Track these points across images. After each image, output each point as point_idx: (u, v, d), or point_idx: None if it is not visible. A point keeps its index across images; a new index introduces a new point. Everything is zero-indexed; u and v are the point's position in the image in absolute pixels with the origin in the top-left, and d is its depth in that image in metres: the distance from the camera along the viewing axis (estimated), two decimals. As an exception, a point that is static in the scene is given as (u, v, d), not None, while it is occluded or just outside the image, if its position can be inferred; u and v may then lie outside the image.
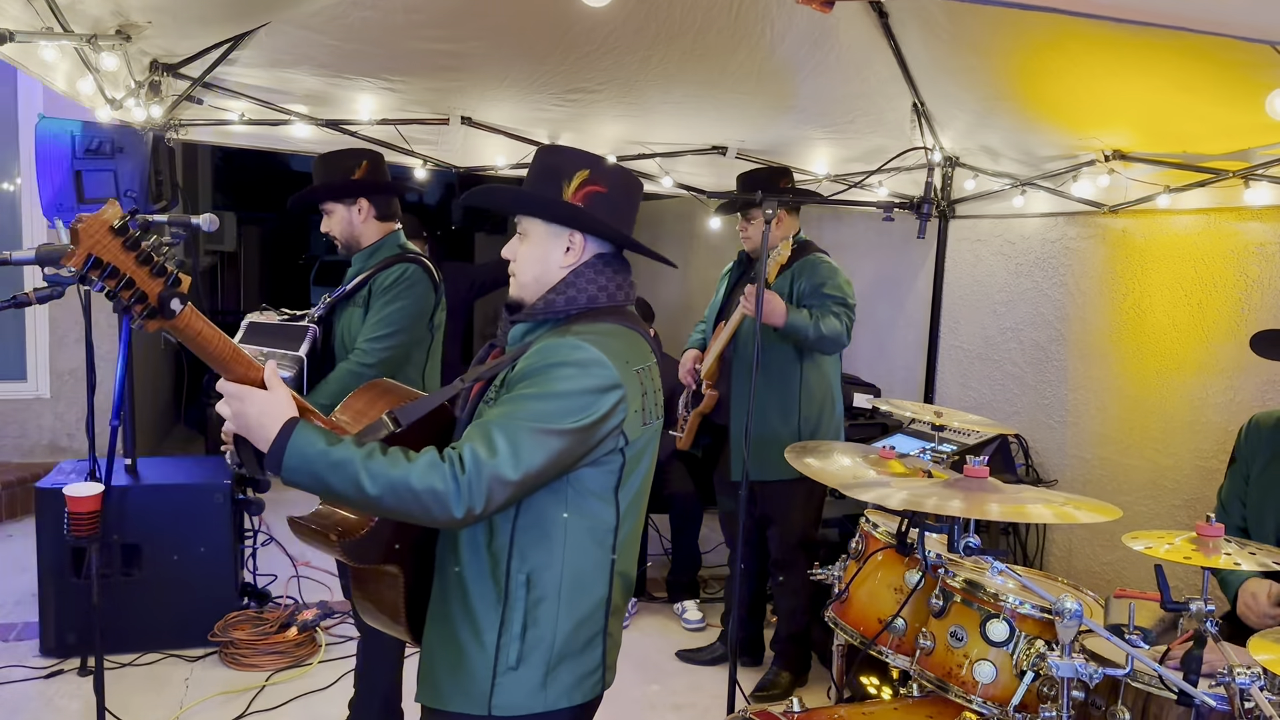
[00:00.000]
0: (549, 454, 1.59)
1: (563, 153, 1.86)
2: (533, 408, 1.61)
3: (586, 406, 1.63)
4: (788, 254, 3.46)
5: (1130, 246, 3.93)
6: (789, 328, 3.47)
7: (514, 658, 1.69)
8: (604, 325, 1.76)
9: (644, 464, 1.81)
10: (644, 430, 1.78)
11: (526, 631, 1.69)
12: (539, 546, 1.69)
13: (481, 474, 1.54)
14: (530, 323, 1.81)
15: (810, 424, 3.65)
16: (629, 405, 1.70)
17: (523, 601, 1.69)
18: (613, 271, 1.85)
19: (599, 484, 1.72)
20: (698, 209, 6.03)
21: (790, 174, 3.76)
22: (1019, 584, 2.17)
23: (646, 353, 1.85)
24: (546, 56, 3.57)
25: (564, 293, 1.79)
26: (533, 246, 1.82)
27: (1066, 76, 3.24)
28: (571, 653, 1.73)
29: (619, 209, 1.86)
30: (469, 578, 1.71)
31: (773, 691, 3.75)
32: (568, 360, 1.64)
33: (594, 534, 1.73)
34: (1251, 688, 1.76)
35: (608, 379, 1.66)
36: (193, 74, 3.66)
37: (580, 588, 1.72)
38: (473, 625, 1.70)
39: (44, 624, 3.83)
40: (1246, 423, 2.73)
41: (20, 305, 2.19)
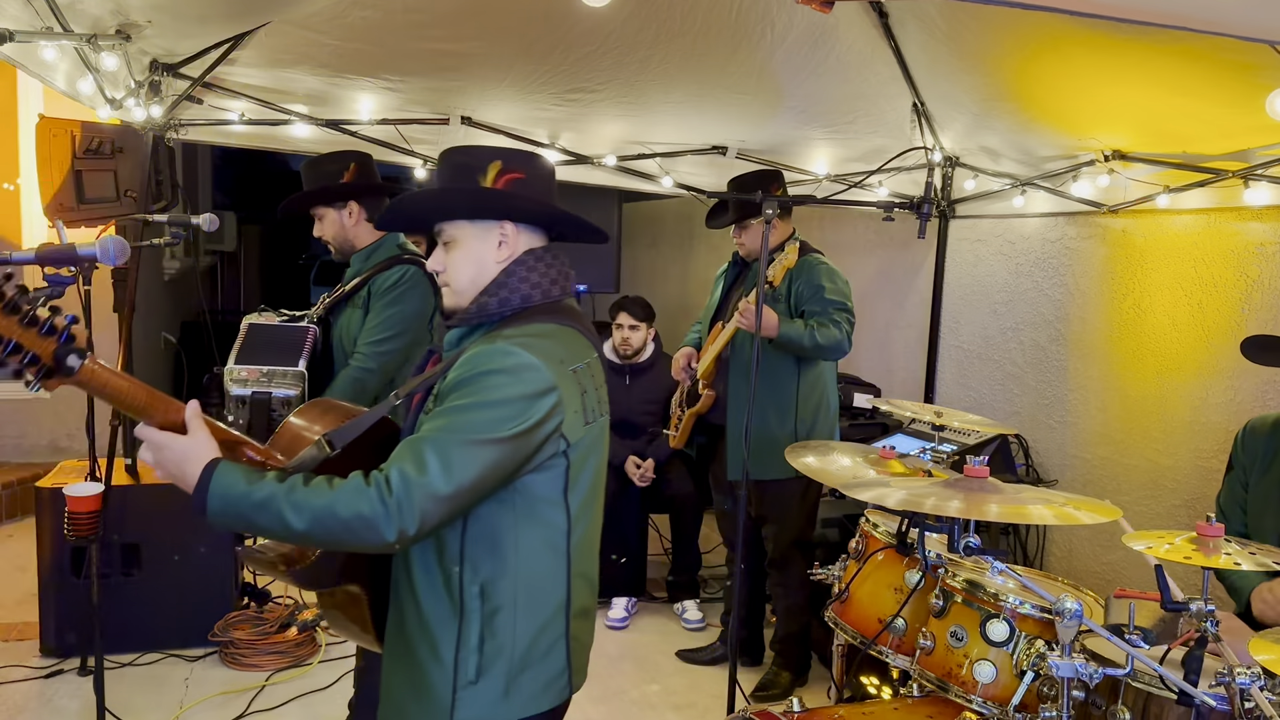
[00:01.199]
0: (483, 466, 1.55)
1: (468, 150, 1.81)
2: (463, 419, 1.56)
3: (520, 413, 1.58)
4: (794, 257, 3.43)
5: (1130, 246, 3.93)
6: (783, 339, 3.46)
7: (473, 671, 1.65)
8: (537, 326, 1.72)
9: (591, 464, 1.77)
10: (586, 430, 1.73)
11: (484, 643, 1.65)
12: (491, 557, 1.65)
13: (411, 494, 1.49)
14: (465, 327, 1.77)
15: (806, 424, 3.65)
16: (566, 407, 1.66)
17: (478, 614, 1.65)
18: (545, 266, 1.80)
19: (547, 489, 1.68)
20: (698, 209, 6.03)
21: (781, 177, 3.75)
22: (1019, 584, 2.17)
23: (585, 349, 1.80)
24: (546, 56, 3.57)
25: (496, 294, 1.74)
26: (462, 250, 1.76)
27: (1066, 77, 3.24)
28: (534, 660, 1.70)
29: (541, 192, 1.81)
30: (422, 593, 1.68)
31: (773, 691, 3.75)
32: (498, 367, 1.60)
33: (547, 539, 1.69)
34: (1251, 688, 1.76)
35: (541, 383, 1.61)
36: (193, 74, 3.66)
37: (537, 595, 1.69)
38: (429, 641, 1.67)
39: (44, 624, 3.83)
40: (1242, 429, 2.72)
41: (20, 305, 2.18)
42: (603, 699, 3.79)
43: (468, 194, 1.75)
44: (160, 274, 7.68)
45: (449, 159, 1.80)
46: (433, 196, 1.81)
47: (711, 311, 3.92)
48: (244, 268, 12.00)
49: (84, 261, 2.27)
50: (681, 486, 4.62)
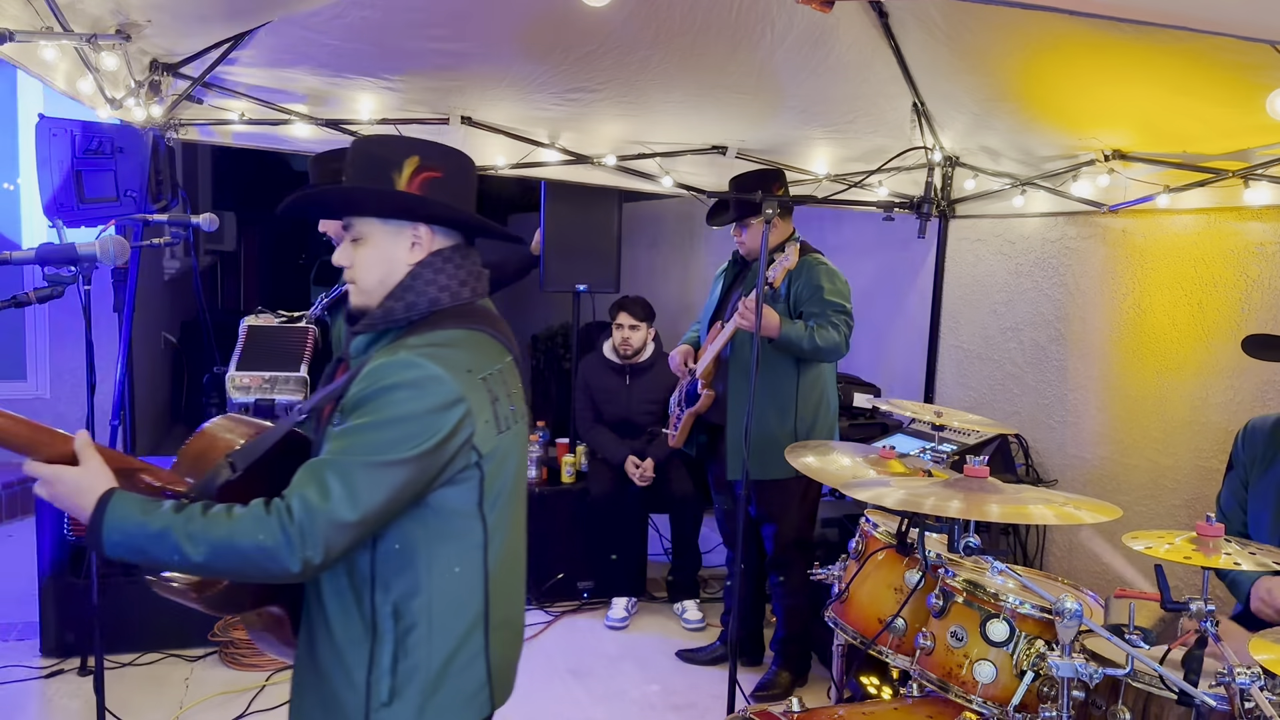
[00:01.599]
0: (390, 488, 1.50)
1: (385, 142, 1.72)
2: (367, 439, 1.50)
3: (426, 429, 1.52)
4: (796, 259, 3.42)
5: (1130, 246, 3.93)
6: (783, 340, 3.46)
7: (386, 693, 1.59)
8: (444, 333, 1.63)
9: (507, 473, 1.70)
10: (499, 439, 1.66)
11: (398, 664, 1.59)
12: (403, 574, 1.59)
13: (315, 521, 1.44)
14: (371, 334, 1.68)
15: (806, 424, 3.65)
16: (476, 418, 1.59)
17: (391, 633, 1.59)
18: (454, 267, 1.70)
19: (460, 502, 1.62)
20: (698, 209, 6.03)
21: (783, 176, 3.74)
22: (1019, 584, 2.17)
23: (497, 355, 1.72)
24: (546, 56, 3.57)
25: (402, 298, 1.66)
26: (372, 249, 1.68)
27: (1066, 77, 3.24)
28: (450, 678, 1.64)
29: (459, 192, 1.71)
30: (332, 614, 1.62)
31: (773, 691, 3.75)
32: (401, 381, 1.53)
33: (462, 553, 1.63)
34: (1251, 688, 1.76)
35: (447, 395, 1.54)
36: (193, 74, 3.66)
37: (453, 610, 1.63)
38: (341, 664, 1.61)
39: (44, 624, 3.83)
40: (1242, 428, 2.73)
41: (20, 305, 2.19)
42: (603, 699, 3.79)
43: (380, 196, 1.67)
44: (160, 274, 7.68)
45: (362, 150, 1.71)
46: (344, 194, 1.73)
47: (711, 310, 3.92)
48: (244, 268, 12.00)
49: (84, 261, 2.27)
50: (681, 486, 4.62)
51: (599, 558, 4.72)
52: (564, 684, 3.90)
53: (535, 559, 4.78)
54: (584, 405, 4.86)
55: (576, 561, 4.72)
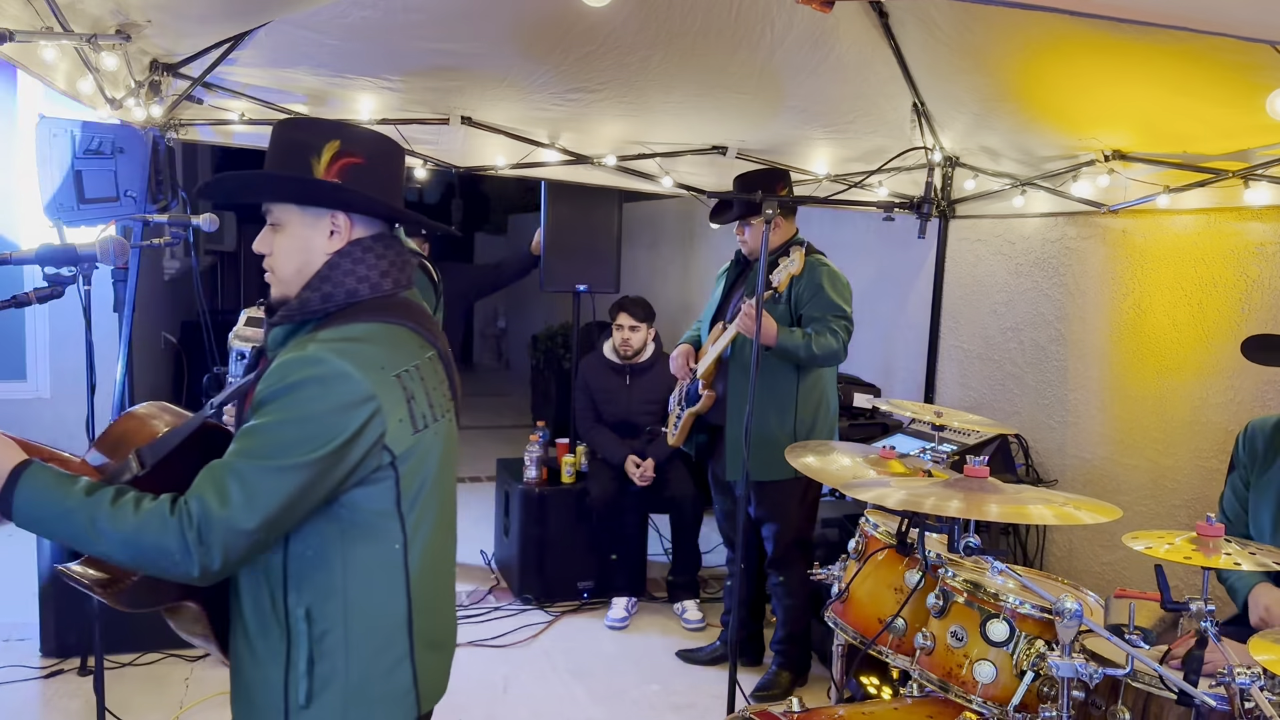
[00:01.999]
0: (291, 492, 1.46)
1: (305, 125, 1.67)
2: (269, 440, 1.46)
3: (330, 429, 1.47)
4: (801, 264, 3.41)
5: (1130, 246, 3.93)
6: (779, 349, 3.46)
7: (303, 696, 1.56)
8: (359, 327, 1.58)
9: (427, 471, 1.64)
10: (416, 439, 1.60)
11: (314, 667, 1.56)
12: (316, 577, 1.56)
13: (213, 529, 1.41)
14: (288, 326, 1.63)
15: (806, 425, 3.65)
16: (388, 417, 1.54)
17: (305, 636, 1.55)
18: (375, 257, 1.64)
19: (377, 503, 1.57)
20: (698, 209, 6.04)
21: (788, 177, 3.74)
22: (1019, 584, 2.17)
23: (417, 350, 1.66)
24: (546, 56, 3.57)
25: (319, 288, 1.60)
26: (290, 237, 1.63)
27: (1066, 77, 3.24)
28: (372, 681, 1.60)
29: (382, 180, 1.66)
30: (248, 615, 1.59)
31: (773, 691, 3.75)
32: (307, 378, 1.48)
33: (380, 556, 1.59)
34: (1251, 688, 1.76)
35: (355, 394, 1.50)
36: (193, 74, 3.66)
37: (372, 614, 1.59)
38: (258, 664, 1.59)
39: (44, 624, 3.83)
40: (1243, 430, 2.73)
41: (20, 305, 2.18)
42: (603, 699, 3.79)
43: (296, 183, 1.61)
44: (160, 274, 7.68)
45: (282, 134, 1.65)
46: (260, 180, 1.66)
47: (712, 310, 3.92)
48: (244, 268, 12.00)
49: (83, 261, 2.27)
50: (681, 486, 4.62)
51: (599, 558, 4.72)
52: (564, 684, 3.90)
53: (535, 559, 4.81)
54: (584, 405, 4.86)
55: (576, 561, 4.72)
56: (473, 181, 13.34)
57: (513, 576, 4.84)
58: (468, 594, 4.79)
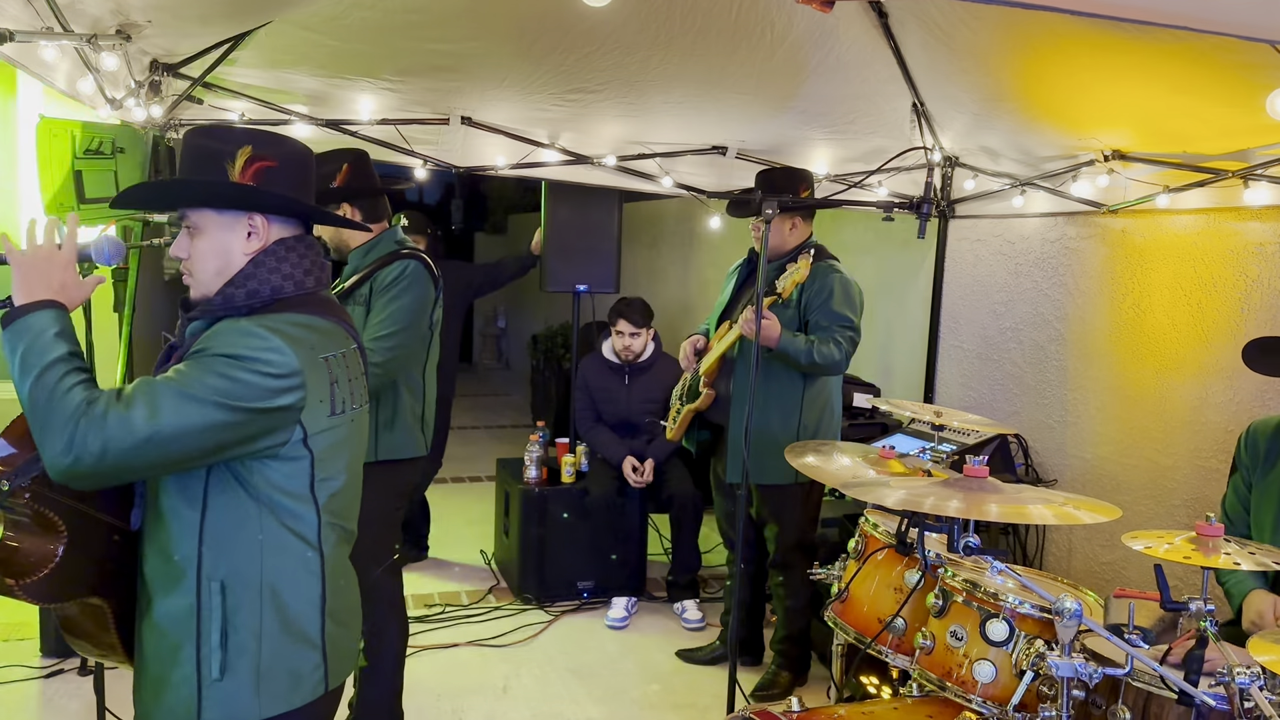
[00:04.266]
0: (193, 422, 1.49)
1: (217, 133, 1.70)
2: (190, 377, 1.52)
3: (252, 390, 1.53)
4: (806, 272, 3.40)
5: (1130, 246, 3.93)
6: (780, 351, 3.45)
7: (217, 669, 1.59)
8: (289, 315, 1.65)
9: (343, 458, 1.71)
10: (333, 422, 1.67)
11: (227, 640, 1.60)
12: (231, 552, 1.60)
13: (106, 420, 1.44)
14: (208, 319, 1.67)
15: (809, 430, 3.64)
16: (309, 394, 1.61)
17: (219, 610, 1.59)
18: (298, 257, 1.71)
19: (291, 483, 1.63)
20: (698, 209, 6.03)
21: (809, 178, 3.73)
22: (1018, 583, 2.17)
23: (341, 339, 1.73)
24: (546, 57, 3.57)
25: (244, 285, 1.66)
26: (208, 240, 1.67)
27: (1066, 77, 3.24)
28: (284, 655, 1.64)
29: (295, 182, 1.71)
30: (156, 593, 1.62)
31: (773, 691, 3.75)
32: (237, 340, 1.55)
33: (296, 533, 1.64)
34: (1251, 688, 1.76)
35: (281, 366, 1.56)
36: (193, 74, 3.66)
37: (286, 590, 1.64)
38: (169, 645, 1.61)
39: (44, 624, 3.83)
40: (1244, 432, 2.73)
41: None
42: (603, 699, 3.80)
43: (211, 187, 1.66)
44: (160, 274, 7.67)
45: (193, 142, 1.69)
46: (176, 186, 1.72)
47: (721, 308, 3.90)
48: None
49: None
50: (681, 486, 4.62)
51: (599, 558, 4.72)
52: (564, 684, 3.90)
53: (535, 559, 4.81)
54: (584, 405, 4.86)
55: (576, 561, 4.72)
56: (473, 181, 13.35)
57: (513, 576, 4.84)
58: (468, 594, 4.79)
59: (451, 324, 4.90)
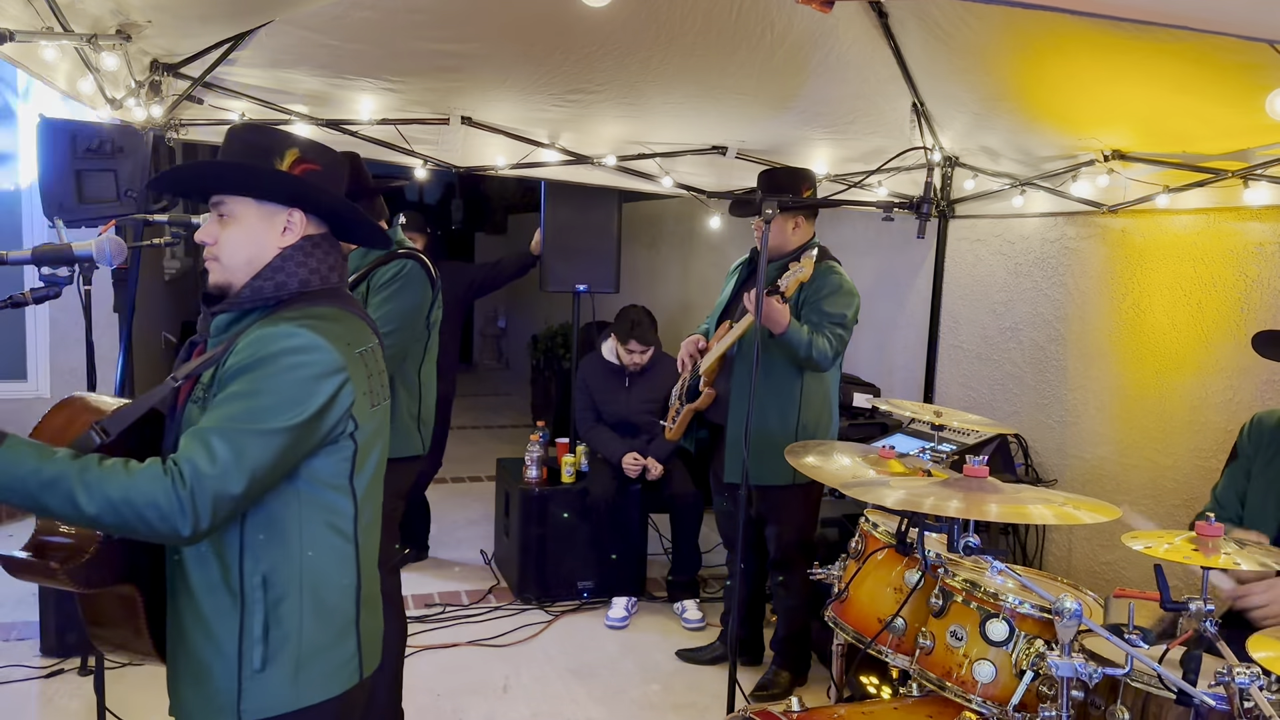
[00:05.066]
0: (274, 454, 1.52)
1: (266, 131, 1.73)
2: (252, 405, 1.52)
3: (309, 396, 1.55)
4: (810, 271, 3.41)
5: (1129, 246, 3.93)
6: (785, 338, 3.45)
7: (259, 660, 1.62)
8: (320, 308, 1.66)
9: (377, 449, 1.74)
10: (372, 413, 1.71)
11: (269, 632, 1.62)
12: (273, 545, 1.62)
13: (204, 488, 1.46)
14: (235, 312, 1.68)
15: (808, 430, 3.64)
16: (355, 388, 1.63)
17: (261, 603, 1.61)
18: (323, 254, 1.74)
19: (332, 473, 1.65)
20: (698, 209, 6.04)
21: (812, 178, 3.73)
22: (1018, 583, 2.17)
23: (367, 335, 1.76)
24: (547, 57, 3.57)
25: (271, 278, 1.67)
26: (243, 229, 1.68)
27: (1066, 77, 3.24)
28: (322, 646, 1.67)
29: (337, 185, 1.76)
30: (198, 588, 1.63)
31: (773, 691, 3.75)
32: (284, 348, 1.55)
33: (332, 525, 1.67)
34: (1251, 687, 1.76)
35: (330, 364, 1.58)
36: (193, 74, 3.66)
37: (324, 581, 1.66)
38: (210, 636, 1.63)
39: (44, 624, 3.83)
40: (1249, 420, 2.73)
41: (17, 305, 2.18)
42: (603, 699, 3.80)
43: (266, 175, 1.67)
44: (160, 274, 7.68)
45: (242, 136, 1.72)
46: (227, 169, 1.71)
47: (721, 308, 3.90)
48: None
49: (80, 262, 2.27)
50: (681, 486, 4.62)
51: (599, 558, 4.72)
52: (564, 684, 3.90)
53: (535, 559, 4.81)
54: (584, 405, 4.86)
55: (576, 561, 4.72)
56: (473, 181, 13.34)
57: (513, 576, 4.84)
58: (468, 594, 4.79)
59: (451, 324, 4.90)
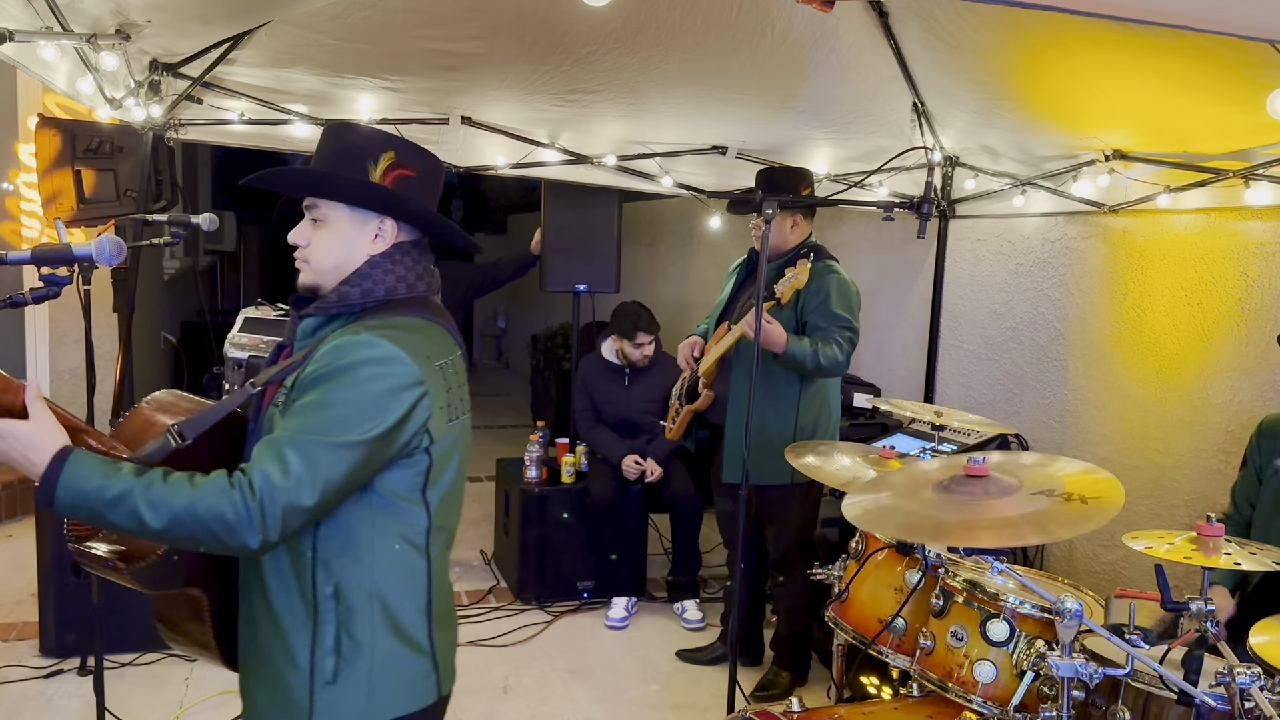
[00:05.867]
0: (348, 467, 1.49)
1: (362, 132, 1.71)
2: (327, 417, 1.50)
3: (385, 409, 1.52)
4: (805, 277, 3.40)
5: (1130, 246, 3.93)
6: (788, 356, 3.44)
7: (331, 672, 1.59)
8: (402, 318, 1.64)
9: (454, 463, 1.70)
10: (450, 428, 1.67)
11: (341, 644, 1.60)
12: (345, 556, 1.60)
13: (275, 499, 1.44)
14: (321, 317, 1.67)
15: (807, 431, 3.64)
16: (433, 402, 1.60)
17: (333, 614, 1.59)
18: (412, 261, 1.72)
19: (405, 486, 1.62)
20: (698, 209, 6.04)
21: (810, 177, 3.72)
22: (1019, 584, 2.17)
23: (450, 346, 1.73)
24: (547, 57, 3.57)
25: (359, 284, 1.66)
26: (334, 234, 1.68)
27: (1066, 76, 3.24)
28: (396, 660, 1.64)
29: (429, 194, 1.74)
30: (274, 596, 1.62)
31: (773, 691, 3.75)
32: (363, 359, 1.52)
33: (405, 538, 1.64)
34: (1251, 687, 1.76)
35: (407, 377, 1.55)
36: (192, 73, 3.66)
37: (396, 593, 1.63)
38: (284, 645, 1.61)
39: (44, 624, 3.83)
40: (1257, 426, 2.73)
41: (16, 305, 2.18)
42: (603, 699, 3.79)
43: (358, 186, 1.67)
44: (160, 274, 7.68)
45: (339, 136, 1.70)
46: (322, 179, 1.70)
47: (720, 308, 3.90)
48: (244, 267, 12.00)
49: (79, 262, 2.26)
50: (681, 486, 4.62)
51: (599, 558, 4.72)
52: (564, 684, 3.90)
53: (535, 559, 4.81)
54: (584, 405, 4.86)
55: (576, 561, 4.72)
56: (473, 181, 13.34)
57: (512, 577, 4.84)
58: (467, 594, 4.79)
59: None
